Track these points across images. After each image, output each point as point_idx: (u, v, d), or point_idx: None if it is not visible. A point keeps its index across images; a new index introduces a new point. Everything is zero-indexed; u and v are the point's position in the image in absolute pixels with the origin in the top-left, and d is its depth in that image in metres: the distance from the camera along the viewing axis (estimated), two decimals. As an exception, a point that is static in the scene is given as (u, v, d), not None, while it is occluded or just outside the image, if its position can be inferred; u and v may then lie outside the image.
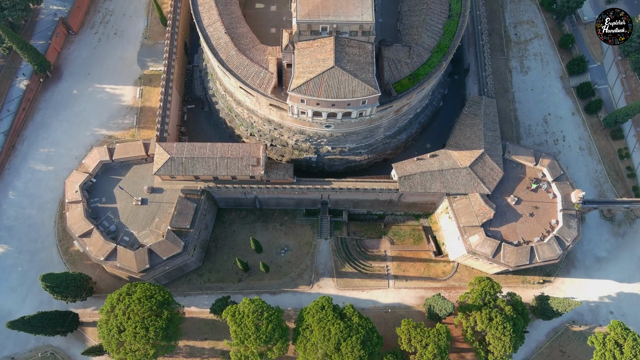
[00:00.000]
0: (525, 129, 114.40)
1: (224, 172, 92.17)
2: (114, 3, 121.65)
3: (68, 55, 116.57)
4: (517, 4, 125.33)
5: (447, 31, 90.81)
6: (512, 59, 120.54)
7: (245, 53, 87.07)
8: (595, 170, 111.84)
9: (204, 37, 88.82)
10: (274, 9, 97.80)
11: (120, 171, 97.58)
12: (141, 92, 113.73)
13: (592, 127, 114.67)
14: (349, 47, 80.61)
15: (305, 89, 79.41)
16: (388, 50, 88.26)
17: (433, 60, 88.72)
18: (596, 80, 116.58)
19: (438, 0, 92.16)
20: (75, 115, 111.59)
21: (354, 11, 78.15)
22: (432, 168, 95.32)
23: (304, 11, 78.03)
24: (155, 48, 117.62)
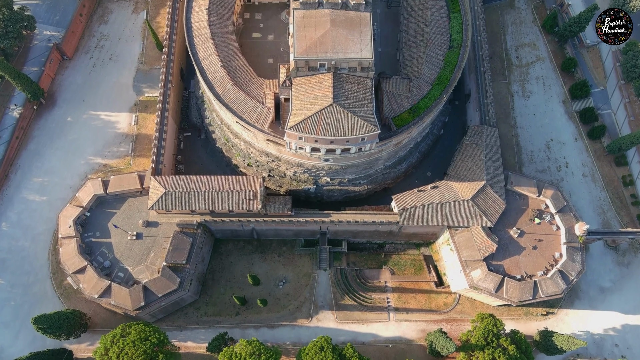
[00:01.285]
0: (528, 155, 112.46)
1: (221, 206, 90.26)
2: (109, 27, 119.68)
3: (62, 81, 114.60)
4: (518, 26, 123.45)
5: (447, 63, 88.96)
6: (513, 82, 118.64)
7: (241, 87, 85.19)
8: (599, 197, 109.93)
9: (199, 71, 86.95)
10: (271, 39, 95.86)
11: (115, 204, 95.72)
12: (137, 119, 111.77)
13: (596, 153, 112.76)
14: (347, 83, 78.75)
15: (303, 126, 77.50)
16: (387, 83, 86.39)
17: (434, 94, 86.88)
18: (599, 105, 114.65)
19: (438, 31, 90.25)
20: (69, 143, 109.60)
21: (353, 48, 76.26)
22: (432, 200, 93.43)
23: (301, 48, 76.13)
24: (151, 73, 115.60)
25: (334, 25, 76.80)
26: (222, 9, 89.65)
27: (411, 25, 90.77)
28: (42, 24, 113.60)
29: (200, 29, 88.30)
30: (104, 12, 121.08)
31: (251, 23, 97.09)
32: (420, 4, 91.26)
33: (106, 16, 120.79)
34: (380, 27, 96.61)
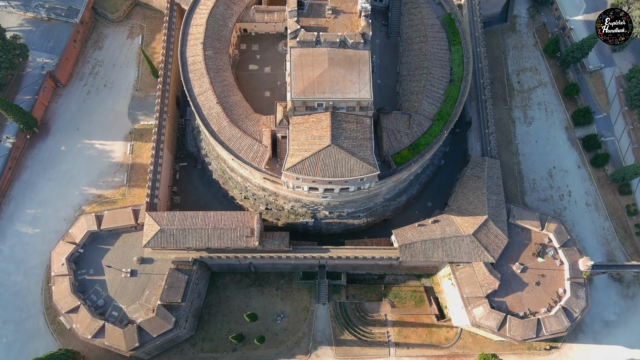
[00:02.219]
0: (530, 184, 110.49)
1: (217, 243, 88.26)
2: (104, 53, 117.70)
3: (56, 109, 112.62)
4: (519, 50, 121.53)
5: (448, 97, 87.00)
6: (515, 108, 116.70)
7: (237, 124, 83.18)
8: (603, 227, 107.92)
9: (195, 107, 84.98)
10: (267, 71, 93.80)
11: (109, 240, 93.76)
12: (132, 147, 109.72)
13: (599, 181, 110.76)
14: (346, 123, 76.80)
15: (300, 168, 75.53)
16: (387, 119, 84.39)
17: (434, 129, 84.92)
18: (602, 132, 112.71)
19: (439, 64, 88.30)
20: (63, 174, 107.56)
21: (351, 88, 74.29)
22: (433, 235, 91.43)
23: (298, 88, 74.16)
24: (147, 100, 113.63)
25: (331, 64, 74.83)
26: (217, 42, 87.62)
27: (411, 58, 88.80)
28: (36, 51, 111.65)
29: (196, 63, 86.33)
30: (98, 38, 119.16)
31: (248, 54, 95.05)
32: (420, 36, 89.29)
33: (101, 42, 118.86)
34: (379, 58, 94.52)
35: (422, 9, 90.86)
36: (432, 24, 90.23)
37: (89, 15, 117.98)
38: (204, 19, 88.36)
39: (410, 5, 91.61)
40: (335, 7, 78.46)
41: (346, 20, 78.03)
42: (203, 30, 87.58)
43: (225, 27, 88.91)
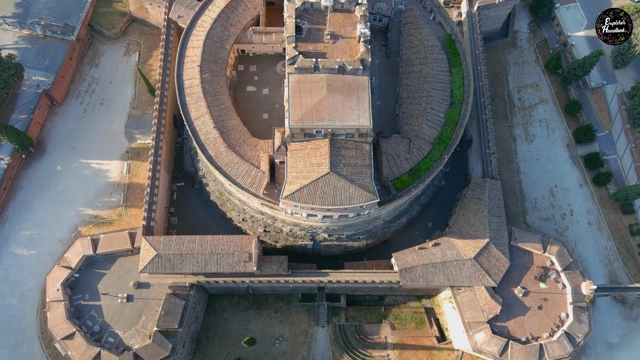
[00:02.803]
0: (531, 203, 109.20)
1: (214, 268, 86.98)
2: (100, 70, 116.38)
3: (52, 128, 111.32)
4: (520, 66, 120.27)
5: (449, 120, 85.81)
6: (516, 125, 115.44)
7: (235, 149, 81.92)
8: (605, 247, 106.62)
9: (191, 131, 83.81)
10: (266, 92, 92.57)
11: (105, 264, 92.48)
12: (128, 167, 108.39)
13: (601, 200, 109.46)
14: (345, 150, 75.58)
15: (298, 196, 74.28)
16: (387, 143, 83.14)
17: (434, 154, 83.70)
18: (604, 150, 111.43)
19: (439, 87, 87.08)
20: (59, 194, 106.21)
21: (350, 115, 73.01)
22: (434, 259, 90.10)
23: (296, 116, 72.89)
24: (144, 119, 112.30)
25: (330, 90, 73.57)
26: (215, 65, 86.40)
27: (411, 80, 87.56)
28: (31, 69, 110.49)
29: (192, 86, 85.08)
30: (95, 55, 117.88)
31: (245, 76, 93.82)
32: (420, 58, 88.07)
33: (97, 59, 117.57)
34: (378, 79, 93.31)
35: (422, 30, 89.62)
36: (432, 46, 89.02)
37: (85, 32, 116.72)
38: (201, 41, 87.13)
39: (410, 26, 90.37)
40: (333, 32, 77.21)
41: (345, 45, 76.78)
42: (200, 52, 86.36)
43: (222, 49, 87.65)
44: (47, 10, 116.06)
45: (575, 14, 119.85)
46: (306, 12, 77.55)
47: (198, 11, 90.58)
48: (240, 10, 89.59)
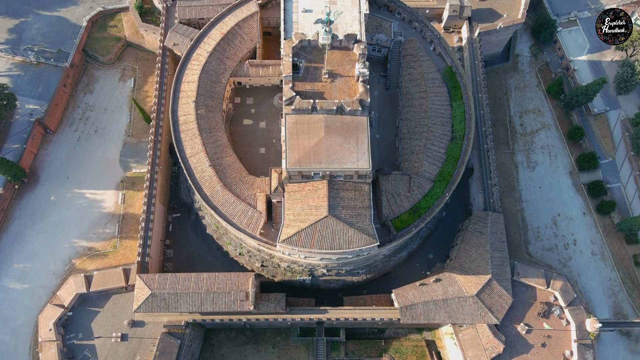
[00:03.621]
0: (534, 232, 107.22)
1: (210, 307, 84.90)
2: (95, 97, 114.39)
3: (45, 157, 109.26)
4: (522, 91, 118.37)
5: (450, 156, 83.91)
6: (518, 152, 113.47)
7: (231, 188, 79.95)
8: (609, 277, 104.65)
9: (186, 170, 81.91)
10: (263, 126, 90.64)
11: (99, 302, 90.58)
12: (123, 197, 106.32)
13: (605, 229, 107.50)
14: (343, 191, 73.64)
15: (296, 240, 72.34)
16: (386, 181, 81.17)
17: (435, 192, 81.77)
18: (608, 178, 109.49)
19: (440, 121, 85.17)
20: (52, 225, 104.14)
21: (349, 157, 71.08)
22: (435, 296, 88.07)
23: (294, 158, 70.95)
24: (139, 147, 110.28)
25: (328, 132, 71.67)
26: (210, 100, 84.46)
27: (410, 114, 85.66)
28: (24, 97, 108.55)
29: (188, 123, 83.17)
30: (89, 81, 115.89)
31: (242, 108, 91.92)
32: (420, 92, 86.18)
33: (91, 85, 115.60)
34: (378, 111, 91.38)
35: (422, 62, 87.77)
36: (432, 79, 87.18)
37: (80, 57, 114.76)
38: (196, 75, 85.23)
39: (410, 59, 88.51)
40: (331, 70, 75.34)
41: (343, 84, 74.91)
42: (195, 87, 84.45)
43: (218, 83, 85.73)
44: (40, 36, 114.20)
45: (578, 37, 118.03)
46: (303, 50, 75.69)
47: (193, 44, 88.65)
48: (236, 42, 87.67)
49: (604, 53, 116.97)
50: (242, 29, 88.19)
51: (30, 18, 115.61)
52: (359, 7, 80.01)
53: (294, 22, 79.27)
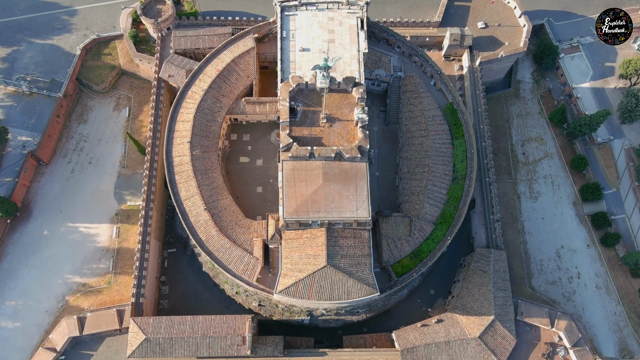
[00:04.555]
0: (537, 265, 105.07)
1: (206, 352, 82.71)
2: (89, 127, 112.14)
3: (38, 190, 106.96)
4: (524, 118, 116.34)
5: (451, 197, 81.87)
6: (520, 182, 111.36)
7: (227, 233, 77.82)
8: (614, 312, 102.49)
9: (181, 213, 79.92)
10: (259, 163, 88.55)
11: (92, 345, 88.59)
12: (118, 230, 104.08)
13: (610, 262, 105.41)
14: (342, 239, 71.58)
15: (294, 291, 70.25)
16: (386, 224, 79.08)
17: (437, 234, 79.69)
18: (612, 210, 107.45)
19: (441, 161, 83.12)
20: (45, 261, 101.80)
21: (348, 206, 68.99)
22: (437, 338, 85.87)
23: (291, 207, 68.84)
24: (134, 178, 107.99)
25: (326, 179, 69.61)
26: (206, 140, 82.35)
27: (411, 153, 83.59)
28: (16, 128, 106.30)
29: (182, 164, 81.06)
30: (83, 110, 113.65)
31: (238, 145, 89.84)
32: (420, 130, 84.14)
33: (85, 114, 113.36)
34: (377, 147, 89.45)
35: (423, 99, 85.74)
36: (433, 116, 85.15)
37: (73, 87, 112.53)
38: (191, 114, 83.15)
39: (410, 95, 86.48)
40: (329, 114, 73.27)
41: (342, 129, 72.85)
42: (190, 127, 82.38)
43: (214, 122, 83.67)
44: (33, 64, 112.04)
45: (580, 64, 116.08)
46: (301, 93, 73.66)
47: (188, 81, 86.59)
48: (232, 79, 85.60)
49: (607, 80, 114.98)
50: (239, 65, 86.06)
51: (23, 46, 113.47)
52: (357, 46, 77.87)
53: (291, 61, 77.32)
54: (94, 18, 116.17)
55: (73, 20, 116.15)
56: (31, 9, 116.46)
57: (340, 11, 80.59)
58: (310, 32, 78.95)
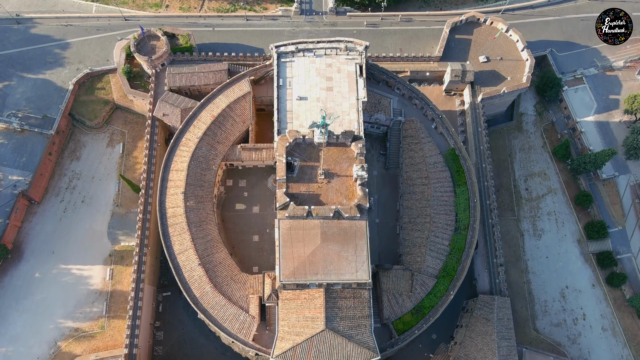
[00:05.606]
0: (541, 306, 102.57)
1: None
2: (82, 164, 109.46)
3: (30, 230, 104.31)
4: (527, 153, 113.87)
5: (454, 249, 79.27)
6: (523, 219, 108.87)
7: (222, 289, 75.32)
8: (621, 355, 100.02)
9: (174, 268, 77.63)
10: (256, 211, 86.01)
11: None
12: (111, 272, 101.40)
13: (615, 303, 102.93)
14: (342, 299, 69.09)
15: (291, 355, 67.65)
16: (387, 278, 76.60)
17: (439, 289, 77.19)
18: (618, 248, 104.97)
19: (443, 210, 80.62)
20: (37, 305, 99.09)
21: (347, 268, 66.47)
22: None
23: (288, 270, 66.35)
24: (128, 218, 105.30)
25: (325, 239, 67.11)
26: (200, 190, 79.84)
27: (412, 202, 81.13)
28: (7, 167, 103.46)
29: (176, 216, 78.53)
30: (76, 147, 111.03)
31: (234, 192, 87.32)
32: (421, 177, 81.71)
33: (78, 151, 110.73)
34: (377, 193, 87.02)
35: (424, 145, 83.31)
36: (434, 162, 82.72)
37: (66, 122, 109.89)
38: (185, 163, 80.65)
39: (411, 140, 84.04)
40: (328, 169, 70.78)
41: (340, 185, 70.35)
42: (184, 176, 79.87)
43: (209, 170, 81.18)
44: (25, 100, 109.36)
45: (584, 97, 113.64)
46: (298, 147, 71.18)
47: (182, 127, 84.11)
48: (228, 125, 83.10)
49: (611, 113, 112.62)
50: (234, 110, 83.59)
51: (14, 81, 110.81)
52: (356, 94, 75.44)
53: (288, 111, 74.95)
54: (86, 51, 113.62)
55: (65, 53, 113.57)
56: (22, 42, 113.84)
57: (338, 57, 78.22)
58: (308, 80, 76.54)
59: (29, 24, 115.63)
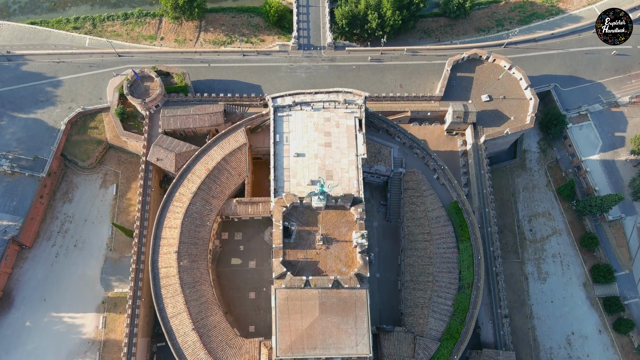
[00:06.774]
0: (547, 354, 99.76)
1: None
2: (74, 207, 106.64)
3: (20, 277, 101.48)
4: (531, 192, 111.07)
5: (457, 309, 76.47)
6: (527, 262, 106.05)
7: (216, 355, 72.46)
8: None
9: (167, 332, 74.56)
10: (252, 265, 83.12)
11: None
12: (104, 320, 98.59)
13: (623, 349, 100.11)
14: (341, 371, 66.05)
15: None
16: (388, 341, 73.62)
17: (443, 352, 74.27)
18: (625, 293, 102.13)
19: (446, 268, 77.79)
20: (27, 355, 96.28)
21: (347, 341, 63.64)
22: None
23: (285, 344, 63.51)
24: (121, 262, 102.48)
25: (323, 311, 64.32)
26: (194, 248, 76.97)
27: (414, 260, 78.35)
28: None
29: (169, 276, 75.71)
30: (68, 188, 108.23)
31: (230, 245, 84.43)
32: (423, 233, 78.84)
33: (71, 193, 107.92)
34: (377, 245, 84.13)
35: (425, 198, 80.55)
36: (436, 217, 79.90)
37: (58, 163, 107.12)
38: (179, 220, 77.82)
39: (412, 193, 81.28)
40: (326, 234, 68.01)
41: (339, 251, 67.55)
42: (178, 233, 77.04)
43: (203, 227, 78.31)
44: (15, 141, 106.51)
45: (589, 134, 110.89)
46: (295, 211, 68.43)
47: (175, 182, 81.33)
48: (222, 179, 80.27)
49: (617, 152, 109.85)
50: (230, 163, 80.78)
51: (4, 121, 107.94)
52: (356, 150, 72.71)
53: (285, 168, 72.26)
54: (79, 89, 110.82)
55: (57, 91, 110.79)
56: (13, 80, 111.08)
57: (337, 110, 75.51)
58: (306, 135, 73.85)
59: (20, 61, 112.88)
